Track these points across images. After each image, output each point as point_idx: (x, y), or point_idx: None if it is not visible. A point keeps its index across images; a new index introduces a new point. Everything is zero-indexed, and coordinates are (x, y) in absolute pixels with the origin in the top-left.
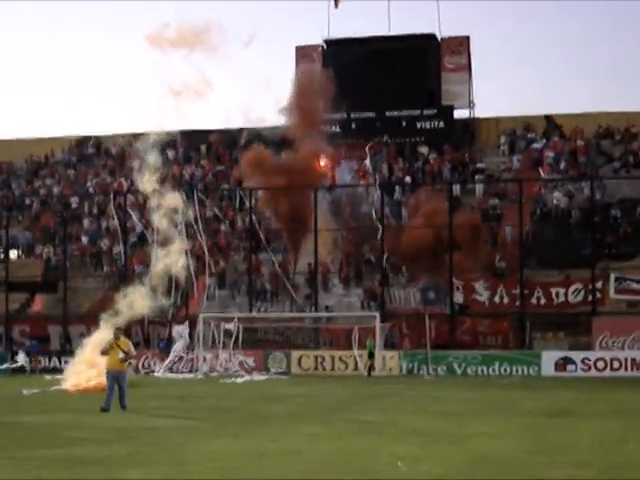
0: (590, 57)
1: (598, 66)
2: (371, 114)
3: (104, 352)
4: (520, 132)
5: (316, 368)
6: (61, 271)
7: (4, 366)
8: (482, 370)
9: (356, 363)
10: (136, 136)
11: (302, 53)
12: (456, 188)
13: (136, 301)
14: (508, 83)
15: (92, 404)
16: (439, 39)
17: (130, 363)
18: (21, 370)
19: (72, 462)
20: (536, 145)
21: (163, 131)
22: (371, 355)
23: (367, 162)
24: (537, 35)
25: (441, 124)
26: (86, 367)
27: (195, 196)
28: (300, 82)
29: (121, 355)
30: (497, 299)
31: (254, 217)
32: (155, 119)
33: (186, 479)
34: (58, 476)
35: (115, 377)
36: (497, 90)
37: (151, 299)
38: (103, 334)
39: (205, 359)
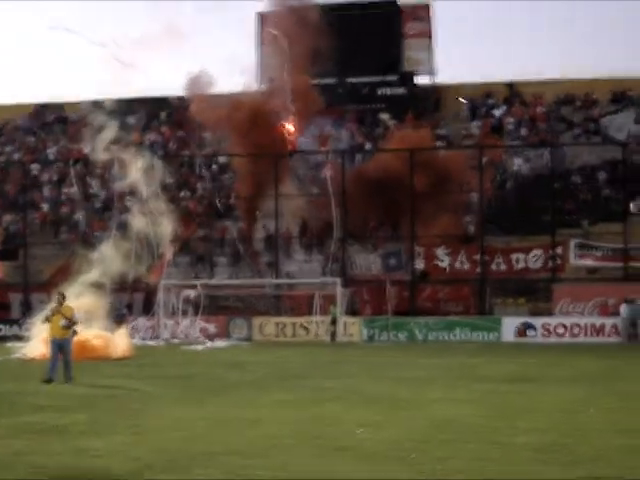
0: (552, 23)
1: (560, 33)
2: (332, 80)
3: (46, 319)
4: (481, 99)
5: (277, 335)
6: (21, 238)
7: None
8: (443, 336)
9: (317, 329)
10: (96, 103)
11: (264, 19)
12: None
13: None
14: (470, 50)
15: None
16: (400, 5)
17: (75, 331)
18: None
19: (33, 430)
20: (497, 112)
21: (123, 97)
22: (334, 321)
23: (328, 128)
24: (499, 1)
25: (402, 91)
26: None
27: (155, 163)
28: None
29: (63, 322)
30: (458, 265)
31: (215, 183)
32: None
33: (148, 447)
34: (19, 444)
35: (58, 345)
36: (459, 57)
37: (113, 264)
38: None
39: (166, 326)
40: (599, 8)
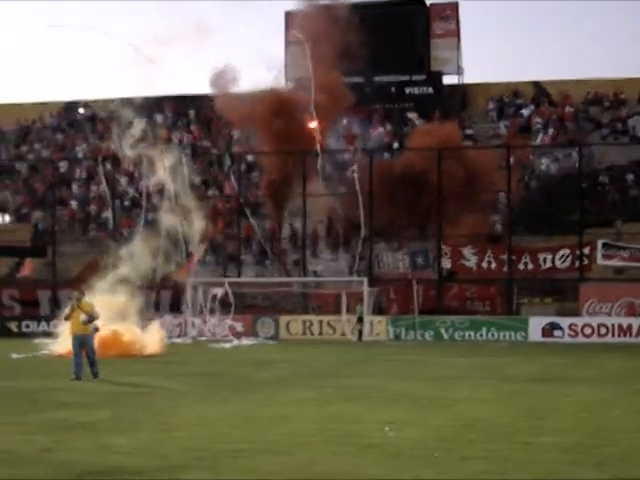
0: (579, 23)
1: (587, 32)
2: (360, 79)
3: (66, 317)
4: (509, 98)
5: (304, 333)
6: (50, 236)
7: None
8: (469, 335)
9: (344, 328)
10: (125, 100)
11: (292, 19)
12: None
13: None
14: (497, 49)
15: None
16: (428, 5)
17: (96, 327)
18: None
19: (59, 427)
20: (524, 111)
21: (151, 95)
22: (360, 320)
23: (356, 127)
24: (526, 1)
25: (430, 90)
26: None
27: (183, 160)
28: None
29: (83, 317)
30: (485, 265)
31: (243, 182)
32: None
33: (173, 444)
34: (45, 441)
35: (80, 341)
36: (486, 56)
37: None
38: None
39: (193, 324)
40: (628, 8)
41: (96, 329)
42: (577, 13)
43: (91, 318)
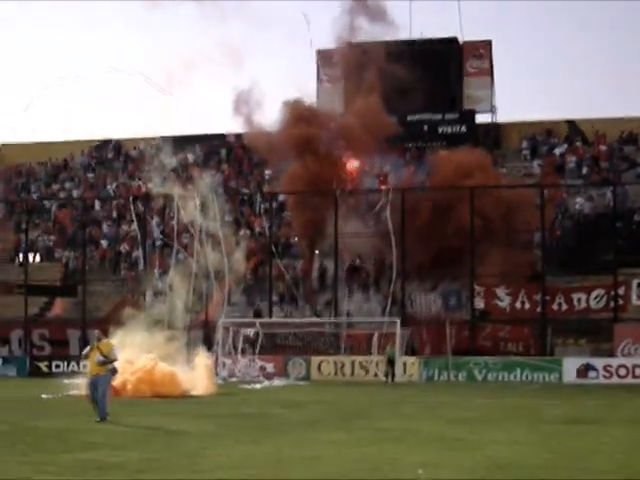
0: (613, 62)
1: (622, 70)
2: (393, 118)
3: (85, 356)
4: (542, 137)
5: (336, 374)
6: (80, 275)
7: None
8: (503, 376)
9: (376, 369)
10: (155, 139)
11: (324, 56)
12: None
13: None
14: (530, 88)
15: (110, 409)
16: (461, 43)
17: (114, 369)
18: None
19: (90, 468)
20: (558, 150)
21: (182, 134)
22: (391, 362)
23: (388, 167)
24: (559, 39)
25: (463, 129)
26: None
27: (215, 200)
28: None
29: (99, 358)
30: (518, 305)
31: (275, 222)
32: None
33: None
34: None
35: (92, 382)
36: (519, 95)
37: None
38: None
39: (224, 364)
40: None
41: (113, 371)
42: (610, 51)
43: (108, 360)
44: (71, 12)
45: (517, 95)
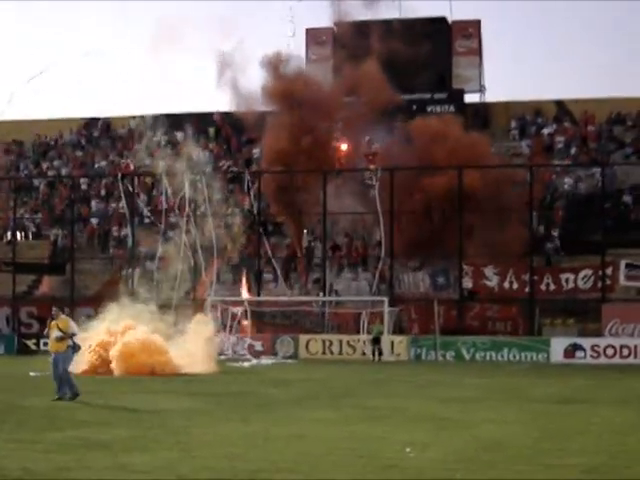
0: (602, 42)
1: (611, 51)
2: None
3: (46, 334)
4: (530, 117)
5: (324, 352)
6: (68, 253)
7: None
8: (491, 356)
9: (364, 348)
10: (144, 117)
11: (313, 35)
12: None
13: None
14: (519, 68)
15: (98, 386)
16: (450, 23)
17: (75, 345)
18: None
19: (77, 446)
20: (546, 130)
21: (171, 112)
22: (376, 341)
23: (377, 146)
24: (548, 20)
25: (451, 108)
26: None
27: (203, 178)
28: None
29: (57, 334)
30: (506, 284)
31: (262, 200)
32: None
33: (192, 464)
34: (63, 460)
35: (54, 360)
36: (508, 75)
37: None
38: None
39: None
40: None
41: (75, 347)
42: (600, 31)
43: (65, 335)
44: None
45: (506, 75)
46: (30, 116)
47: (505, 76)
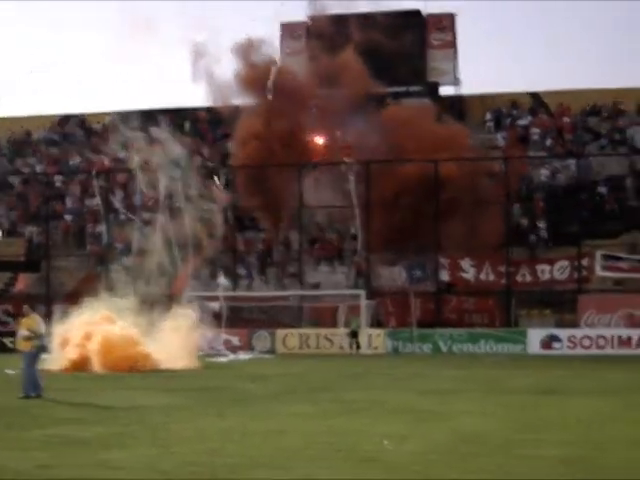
0: (577, 34)
1: (586, 43)
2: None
3: (16, 332)
4: (506, 109)
5: (301, 347)
6: (44, 250)
7: None
8: (468, 348)
9: (342, 341)
10: (119, 114)
11: (287, 29)
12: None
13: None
14: (494, 60)
15: (76, 383)
16: (424, 16)
17: (42, 346)
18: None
19: (56, 443)
20: (522, 122)
21: (146, 108)
22: (354, 334)
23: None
24: (523, 12)
25: (427, 101)
26: (62, 346)
27: (178, 174)
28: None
29: (22, 333)
30: (483, 276)
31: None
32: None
33: (171, 460)
34: (43, 457)
35: (23, 357)
36: (483, 67)
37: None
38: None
39: None
40: (626, 19)
41: (41, 347)
42: (575, 24)
43: (30, 335)
44: None
45: (481, 68)
46: (4, 113)
47: (480, 69)
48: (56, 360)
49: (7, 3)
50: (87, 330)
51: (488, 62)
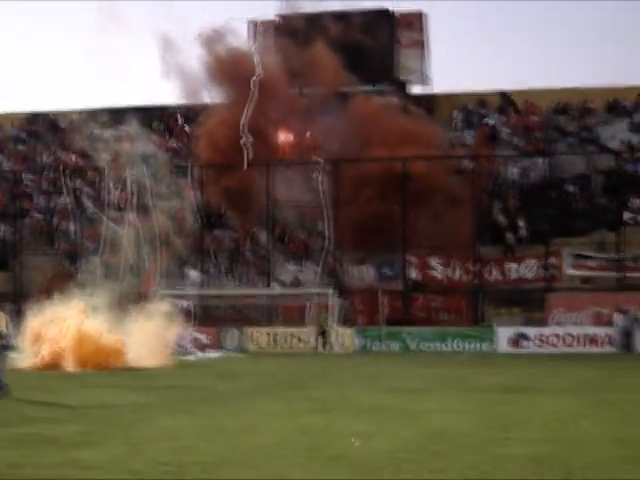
0: (546, 33)
1: (554, 42)
2: (321, 92)
3: None
4: (474, 108)
5: (270, 345)
6: (13, 248)
7: None
8: (436, 346)
9: (310, 339)
10: (88, 112)
11: (255, 27)
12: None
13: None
14: (464, 59)
15: (46, 381)
16: (393, 14)
17: (8, 345)
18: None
19: (26, 442)
20: (491, 120)
21: (115, 106)
22: (323, 332)
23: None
24: (492, 11)
25: (396, 100)
26: (33, 343)
27: (147, 172)
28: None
29: None
30: (452, 275)
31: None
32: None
33: (141, 458)
34: (13, 456)
35: None
36: (453, 66)
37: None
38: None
39: None
40: (594, 18)
41: (7, 346)
42: (543, 23)
43: None
44: None
45: (451, 66)
46: None
47: (450, 68)
48: (27, 358)
49: None
50: (61, 325)
51: (457, 61)
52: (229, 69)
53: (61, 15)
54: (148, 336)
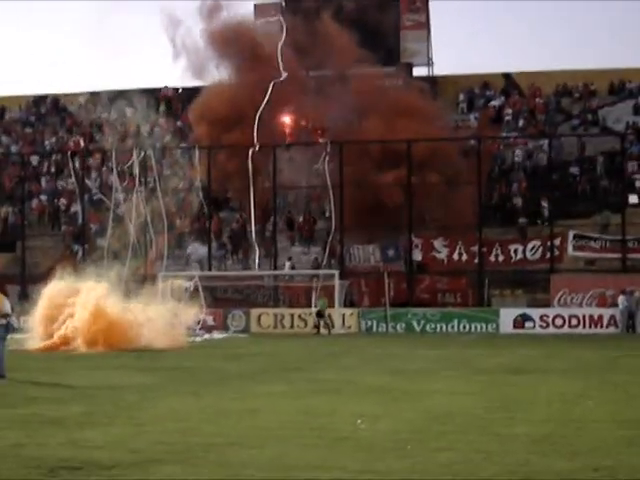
0: (549, 15)
1: (558, 24)
2: (329, 72)
3: None
4: (478, 90)
5: (275, 326)
6: (19, 230)
7: None
8: (441, 327)
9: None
10: (94, 94)
11: (261, 10)
12: None
13: None
14: (467, 41)
15: (51, 363)
16: None
17: (8, 325)
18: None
19: (30, 422)
20: (494, 103)
21: (120, 88)
22: (320, 314)
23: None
24: None
25: (399, 82)
26: (40, 324)
27: (153, 154)
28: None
29: None
30: (456, 256)
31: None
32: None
33: (145, 439)
34: (16, 436)
35: None
36: (456, 48)
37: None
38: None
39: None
40: (596, 1)
41: (7, 327)
42: (547, 6)
43: None
44: None
45: (454, 49)
46: None
47: (453, 50)
48: (30, 340)
49: None
50: (82, 299)
51: (461, 43)
52: (232, 40)
53: None
54: (163, 317)
